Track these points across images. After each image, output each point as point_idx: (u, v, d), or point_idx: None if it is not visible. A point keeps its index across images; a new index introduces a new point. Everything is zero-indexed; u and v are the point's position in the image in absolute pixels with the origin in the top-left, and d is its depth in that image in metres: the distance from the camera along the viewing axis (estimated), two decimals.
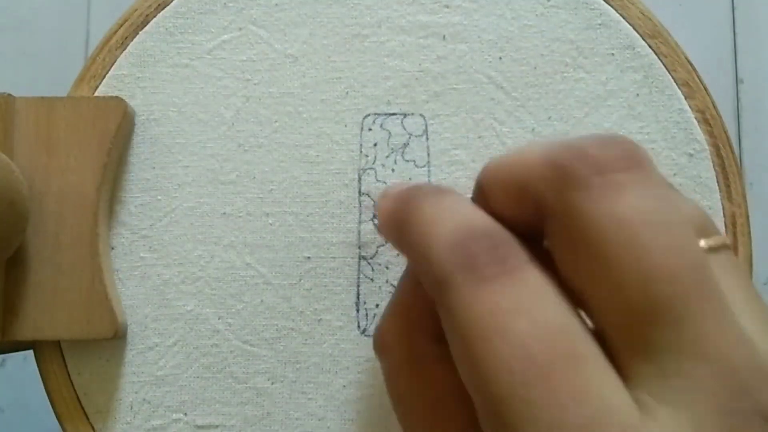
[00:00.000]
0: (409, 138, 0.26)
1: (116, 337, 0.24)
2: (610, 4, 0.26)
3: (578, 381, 0.13)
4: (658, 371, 0.13)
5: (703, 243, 0.15)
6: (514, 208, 0.16)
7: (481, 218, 0.16)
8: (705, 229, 0.16)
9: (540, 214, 0.15)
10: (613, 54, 0.26)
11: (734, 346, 0.13)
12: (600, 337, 0.14)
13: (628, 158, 0.15)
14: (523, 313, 0.14)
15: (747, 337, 0.14)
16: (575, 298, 0.15)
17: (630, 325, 0.14)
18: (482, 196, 0.17)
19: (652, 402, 0.13)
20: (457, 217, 0.16)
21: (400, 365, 0.18)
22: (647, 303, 0.13)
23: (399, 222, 0.17)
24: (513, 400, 0.13)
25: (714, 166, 0.25)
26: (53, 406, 0.25)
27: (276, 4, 0.27)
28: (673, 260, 0.13)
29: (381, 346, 0.19)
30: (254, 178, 0.26)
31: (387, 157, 0.26)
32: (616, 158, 0.14)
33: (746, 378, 0.13)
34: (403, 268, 0.25)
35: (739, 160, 0.27)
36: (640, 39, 0.26)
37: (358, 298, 0.25)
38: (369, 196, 0.26)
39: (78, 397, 0.25)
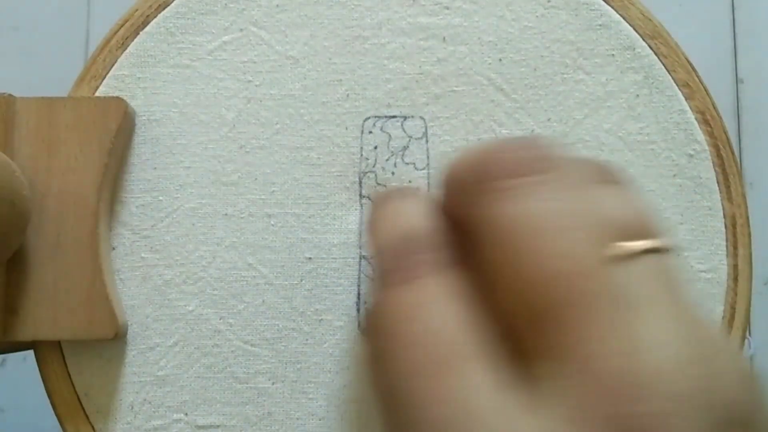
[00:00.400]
0: (409, 141, 0.26)
1: (117, 338, 0.24)
2: (610, 5, 0.26)
3: (448, 383, 0.13)
4: (539, 373, 0.14)
5: (627, 245, 0.15)
6: (456, 205, 0.16)
7: (413, 225, 0.16)
8: (634, 231, 0.15)
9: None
10: (613, 55, 0.26)
11: (616, 355, 0.13)
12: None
13: (542, 161, 0.15)
14: (414, 318, 0.14)
15: (638, 347, 0.13)
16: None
17: (519, 328, 0.14)
18: (442, 192, 0.17)
19: (530, 404, 0.13)
20: (391, 224, 0.17)
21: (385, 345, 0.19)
22: (533, 306, 0.14)
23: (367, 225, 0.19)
24: (395, 398, 0.14)
25: (714, 166, 0.25)
26: (54, 407, 0.25)
27: (277, 6, 0.27)
28: (563, 265, 0.14)
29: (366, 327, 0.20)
30: (256, 179, 0.26)
31: (387, 160, 0.26)
32: (530, 161, 0.15)
33: (620, 388, 0.13)
34: None
35: (739, 160, 0.27)
36: (641, 40, 0.26)
37: (359, 298, 0.25)
38: (369, 199, 0.26)
39: (78, 398, 0.25)
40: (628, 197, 0.16)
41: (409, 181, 0.26)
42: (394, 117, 0.26)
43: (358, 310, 0.25)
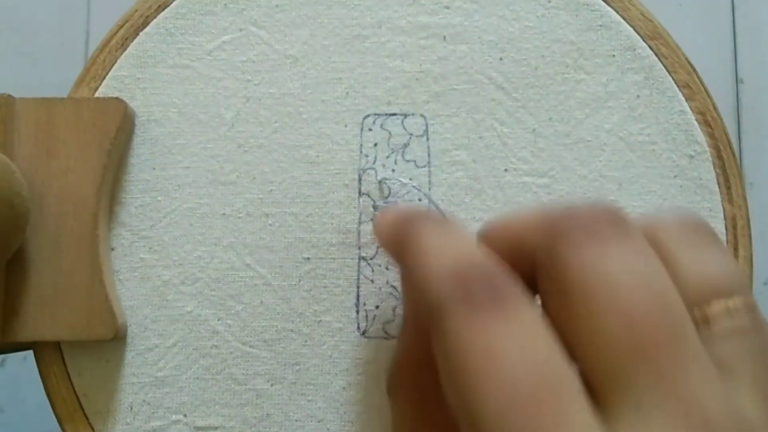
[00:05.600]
0: (410, 138, 0.26)
1: (116, 339, 0.24)
2: (610, 6, 0.26)
3: (556, 413, 0.13)
4: (635, 408, 0.14)
5: (725, 303, 0.16)
6: (510, 263, 0.17)
7: (480, 254, 0.17)
8: (724, 288, 0.16)
9: (533, 268, 0.16)
10: (613, 55, 0.26)
11: (710, 397, 0.14)
12: (583, 381, 0.15)
13: (613, 219, 0.16)
14: (514, 345, 0.14)
15: (727, 394, 0.14)
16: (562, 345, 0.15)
17: (611, 365, 0.14)
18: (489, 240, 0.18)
19: None
20: (459, 248, 0.17)
21: (406, 405, 0.19)
22: (625, 347, 0.14)
23: (399, 240, 0.18)
24: (495, 427, 0.14)
25: (715, 167, 0.25)
26: (53, 407, 0.25)
27: (276, 5, 0.27)
28: (654, 310, 0.14)
29: (390, 387, 0.20)
30: (254, 178, 0.26)
31: (387, 157, 0.26)
32: (601, 218, 0.16)
33: (720, 426, 0.13)
34: None
35: (739, 161, 0.27)
36: (641, 40, 0.26)
37: (357, 299, 0.25)
38: (369, 197, 0.26)
39: (78, 398, 0.25)
40: (719, 256, 0.17)
41: (410, 179, 0.26)
42: (394, 114, 0.26)
43: (357, 311, 0.25)
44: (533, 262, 0.16)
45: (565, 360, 0.15)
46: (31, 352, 0.25)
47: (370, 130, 0.26)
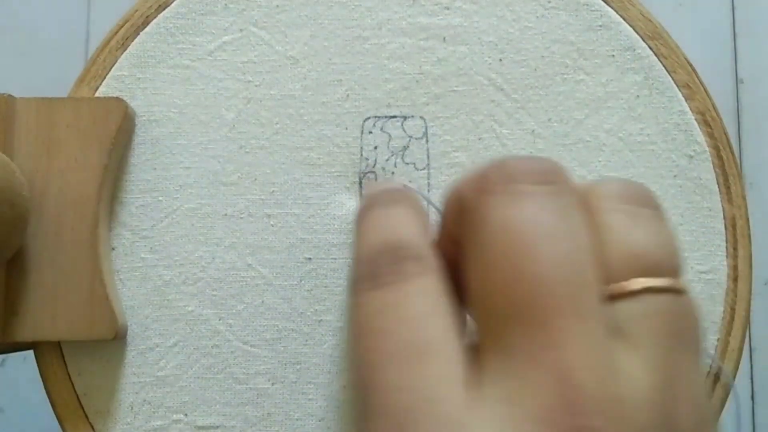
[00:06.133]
0: (409, 140, 0.26)
1: (117, 338, 0.24)
2: (610, 6, 0.26)
3: (414, 372, 0.14)
4: (504, 369, 0.14)
5: (647, 281, 0.15)
6: (455, 223, 0.17)
7: (403, 232, 0.17)
8: (652, 266, 0.15)
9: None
10: (613, 56, 0.26)
11: (585, 368, 0.13)
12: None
13: (543, 174, 0.15)
14: (391, 312, 0.15)
15: (611, 368, 0.13)
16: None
17: (492, 322, 0.14)
18: (442, 214, 0.18)
19: (491, 397, 0.14)
20: (382, 230, 0.17)
21: None
22: (509, 302, 0.14)
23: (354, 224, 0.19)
24: (363, 384, 0.14)
25: (714, 167, 0.25)
26: (53, 407, 0.25)
27: (277, 6, 0.27)
28: (548, 270, 0.14)
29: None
30: (255, 179, 0.26)
31: (387, 160, 0.26)
32: (530, 172, 0.15)
33: (583, 400, 0.13)
34: None
35: (739, 161, 0.27)
36: (641, 40, 0.26)
37: None
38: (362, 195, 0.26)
39: (78, 398, 0.25)
40: (656, 232, 0.16)
41: (410, 182, 0.26)
42: (394, 117, 0.26)
43: None
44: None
45: (448, 323, 0.15)
46: (31, 352, 0.25)
47: (371, 132, 0.26)
